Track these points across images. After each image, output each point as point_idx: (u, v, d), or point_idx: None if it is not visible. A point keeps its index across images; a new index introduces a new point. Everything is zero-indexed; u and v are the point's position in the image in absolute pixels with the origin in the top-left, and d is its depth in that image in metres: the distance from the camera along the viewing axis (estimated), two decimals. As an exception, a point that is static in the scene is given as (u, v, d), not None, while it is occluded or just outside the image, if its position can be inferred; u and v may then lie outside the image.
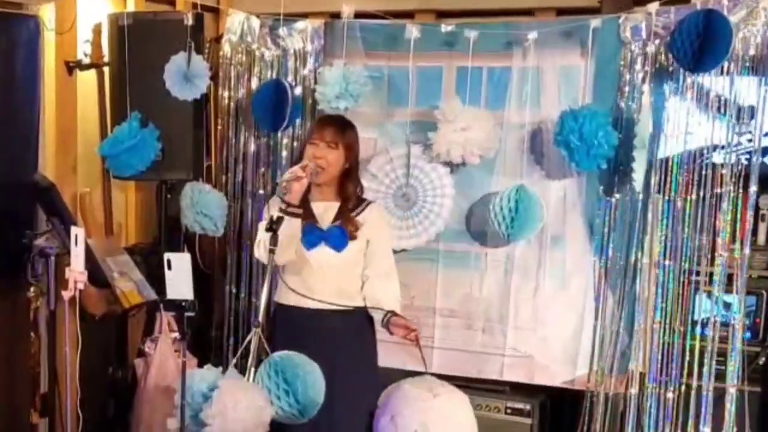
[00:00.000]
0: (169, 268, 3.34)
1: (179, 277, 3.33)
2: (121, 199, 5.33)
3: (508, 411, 4.79)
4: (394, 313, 4.18)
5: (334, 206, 4.18)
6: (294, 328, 4.12)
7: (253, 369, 3.64)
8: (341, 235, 4.13)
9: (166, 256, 3.35)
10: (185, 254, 3.39)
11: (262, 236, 3.86)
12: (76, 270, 3.69)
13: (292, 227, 3.92)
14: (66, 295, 3.75)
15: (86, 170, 4.98)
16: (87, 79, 4.93)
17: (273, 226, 3.73)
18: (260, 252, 3.93)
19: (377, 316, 4.21)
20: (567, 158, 4.31)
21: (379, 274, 4.22)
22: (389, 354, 4.44)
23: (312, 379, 3.61)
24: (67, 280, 3.84)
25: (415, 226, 4.73)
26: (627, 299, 4.48)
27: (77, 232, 3.67)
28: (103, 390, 4.89)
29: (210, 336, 5.20)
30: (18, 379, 4.55)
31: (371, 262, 4.22)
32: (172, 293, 3.36)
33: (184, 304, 3.36)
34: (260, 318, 3.70)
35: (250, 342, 3.65)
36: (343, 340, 4.15)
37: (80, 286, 3.73)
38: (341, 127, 4.19)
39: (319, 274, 4.13)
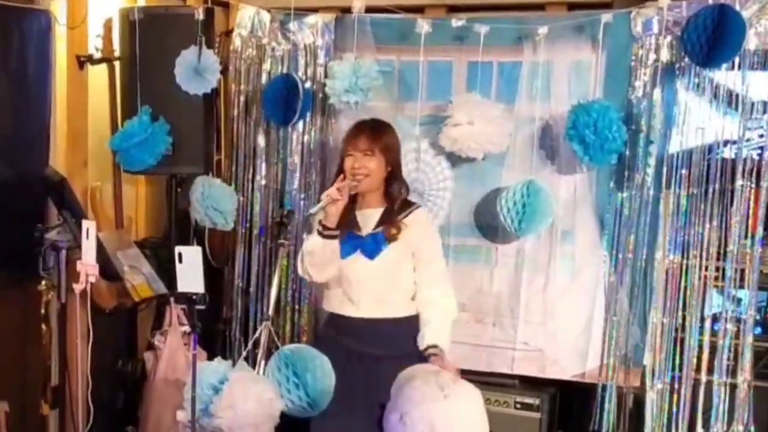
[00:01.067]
0: (180, 261, 3.33)
1: (190, 270, 3.32)
2: (131, 194, 5.33)
3: (518, 406, 4.80)
4: (434, 353, 3.95)
5: (377, 213, 4.05)
6: (337, 333, 4.05)
7: (263, 362, 3.64)
8: (375, 242, 4.00)
9: (178, 249, 3.34)
10: (196, 248, 3.37)
11: (302, 254, 3.89)
12: (88, 263, 3.70)
13: (329, 248, 3.89)
14: (77, 288, 3.76)
15: (97, 165, 4.97)
16: (98, 74, 4.92)
17: (283, 220, 3.74)
18: (301, 270, 3.95)
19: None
20: (580, 153, 4.31)
21: (429, 283, 4.06)
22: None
23: (321, 372, 3.61)
24: (78, 273, 3.85)
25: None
26: (639, 293, 4.49)
27: (89, 225, 3.67)
28: (113, 383, 4.89)
29: (218, 330, 5.20)
30: (29, 372, 4.56)
31: (419, 269, 4.08)
32: (183, 286, 3.35)
33: (194, 297, 3.36)
34: (270, 312, 3.72)
35: (259, 335, 3.67)
36: (381, 346, 3.99)
37: (92, 279, 3.73)
38: (374, 133, 4.04)
39: (357, 284, 4.01)
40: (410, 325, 4.03)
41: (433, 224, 4.45)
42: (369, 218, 4.04)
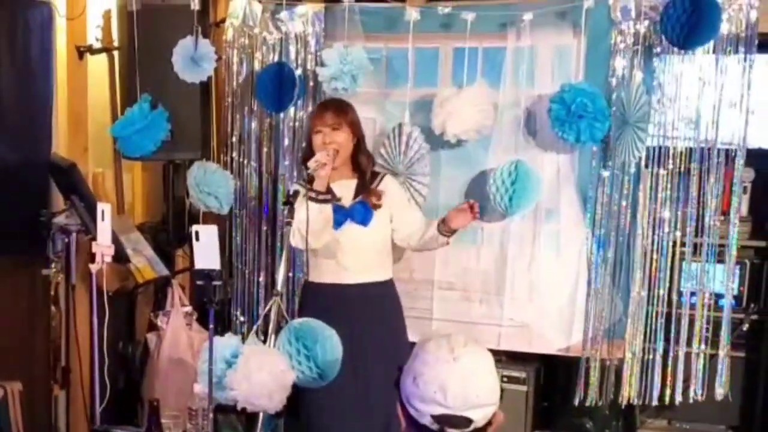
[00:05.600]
0: (197, 239, 3.43)
1: (207, 248, 3.43)
2: (128, 180, 5.39)
3: (504, 379, 4.93)
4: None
5: (352, 183, 4.31)
6: (327, 303, 4.26)
7: (273, 336, 3.76)
8: (364, 210, 4.27)
9: (194, 228, 3.45)
10: (213, 226, 3.49)
11: (297, 225, 3.98)
12: (104, 244, 3.80)
13: (324, 213, 4.06)
14: (94, 268, 3.85)
15: (97, 152, 5.05)
16: (97, 64, 5.01)
17: (290, 199, 3.87)
18: (296, 240, 4.05)
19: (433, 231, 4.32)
20: (586, 134, 4.40)
21: (425, 221, 4.40)
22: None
23: (330, 344, 3.73)
24: (88, 255, 3.95)
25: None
26: (622, 269, 4.62)
27: (104, 207, 3.78)
28: (114, 364, 4.97)
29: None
30: (38, 353, 4.64)
31: (409, 219, 4.40)
32: (200, 263, 3.46)
33: (212, 273, 3.46)
34: (279, 288, 3.85)
35: (269, 310, 3.79)
36: (372, 308, 4.33)
37: (107, 259, 3.84)
38: (338, 108, 4.31)
39: (352, 252, 4.28)
40: (391, 287, 4.46)
41: (402, 188, 4.63)
42: (345, 189, 4.30)
